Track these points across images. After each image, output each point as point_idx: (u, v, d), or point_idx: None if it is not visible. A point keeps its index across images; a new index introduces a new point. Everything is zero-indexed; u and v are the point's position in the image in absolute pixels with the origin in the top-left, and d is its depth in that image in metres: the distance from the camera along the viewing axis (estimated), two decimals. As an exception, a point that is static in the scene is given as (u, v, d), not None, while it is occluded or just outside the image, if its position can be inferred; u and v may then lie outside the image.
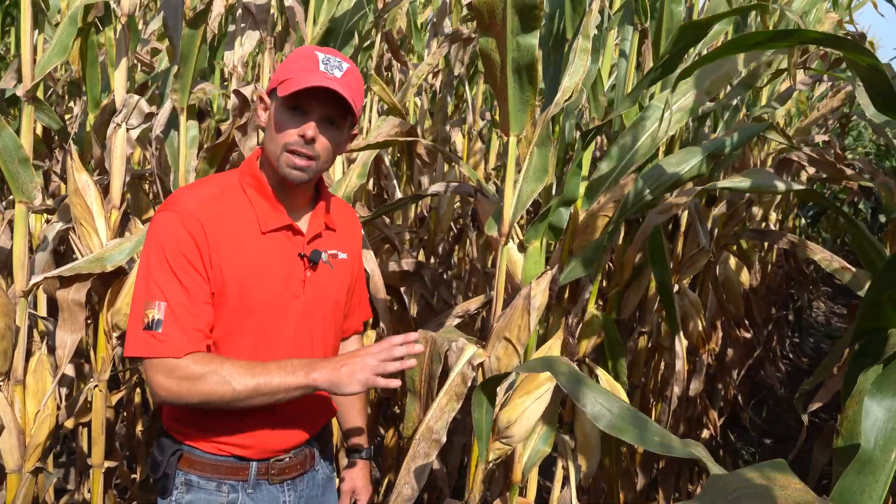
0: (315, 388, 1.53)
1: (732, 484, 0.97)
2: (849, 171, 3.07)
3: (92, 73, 2.64)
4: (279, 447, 1.69)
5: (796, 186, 2.21)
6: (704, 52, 2.66)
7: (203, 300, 1.55)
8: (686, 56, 2.31)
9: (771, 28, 3.26)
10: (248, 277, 1.58)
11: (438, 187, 2.59)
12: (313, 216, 1.70)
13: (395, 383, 1.54)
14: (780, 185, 2.25)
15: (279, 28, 3.21)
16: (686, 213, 3.01)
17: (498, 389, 1.74)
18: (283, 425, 1.68)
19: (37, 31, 2.78)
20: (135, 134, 2.27)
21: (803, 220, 6.94)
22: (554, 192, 2.16)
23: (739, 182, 2.30)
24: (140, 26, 4.05)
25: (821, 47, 3.68)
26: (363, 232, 2.68)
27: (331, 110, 1.57)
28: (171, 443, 1.67)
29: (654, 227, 2.49)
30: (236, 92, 2.45)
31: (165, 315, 1.51)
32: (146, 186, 3.53)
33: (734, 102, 2.88)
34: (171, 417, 1.68)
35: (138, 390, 3.42)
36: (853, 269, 2.34)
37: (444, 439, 1.66)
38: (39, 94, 2.92)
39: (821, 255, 2.54)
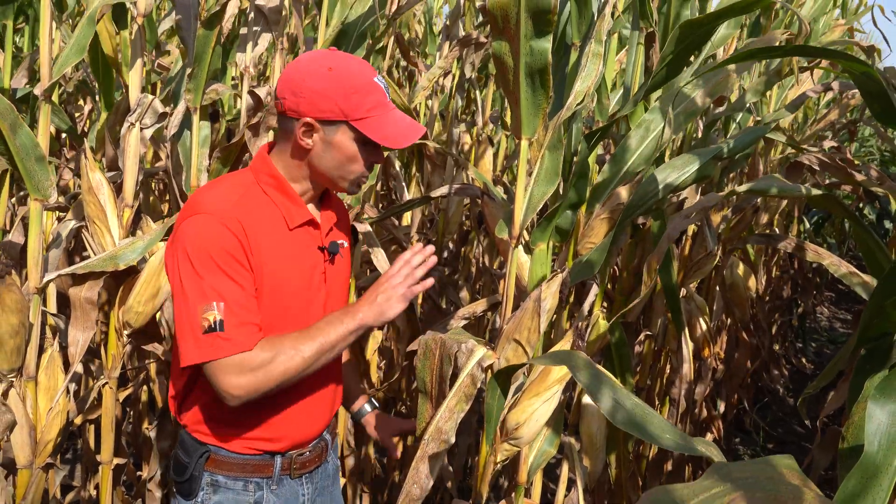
0: (365, 326, 1.61)
1: (735, 473, 0.96)
2: (859, 176, 3.06)
3: (107, 72, 2.66)
4: (305, 436, 1.73)
5: (815, 191, 2.21)
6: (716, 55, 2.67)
7: (253, 295, 1.57)
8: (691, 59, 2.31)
9: (781, 27, 3.27)
10: (282, 274, 1.61)
11: (443, 189, 2.60)
12: (324, 209, 1.76)
13: (430, 282, 1.67)
14: (801, 189, 2.25)
15: (291, 30, 3.22)
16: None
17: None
18: (307, 412, 1.71)
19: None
20: (148, 133, 2.28)
21: (807, 225, 6.93)
22: (560, 194, 2.17)
23: (761, 186, 2.30)
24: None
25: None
26: (371, 230, 2.70)
27: None
28: (197, 444, 1.67)
29: (660, 230, 2.50)
30: (251, 93, 2.46)
31: (226, 314, 1.50)
32: (153, 184, 3.54)
33: (750, 105, 2.88)
34: (194, 419, 1.68)
35: (145, 388, 3.44)
36: (861, 275, 2.34)
37: (452, 440, 1.67)
38: (55, 96, 2.94)
39: (829, 259, 2.54)
